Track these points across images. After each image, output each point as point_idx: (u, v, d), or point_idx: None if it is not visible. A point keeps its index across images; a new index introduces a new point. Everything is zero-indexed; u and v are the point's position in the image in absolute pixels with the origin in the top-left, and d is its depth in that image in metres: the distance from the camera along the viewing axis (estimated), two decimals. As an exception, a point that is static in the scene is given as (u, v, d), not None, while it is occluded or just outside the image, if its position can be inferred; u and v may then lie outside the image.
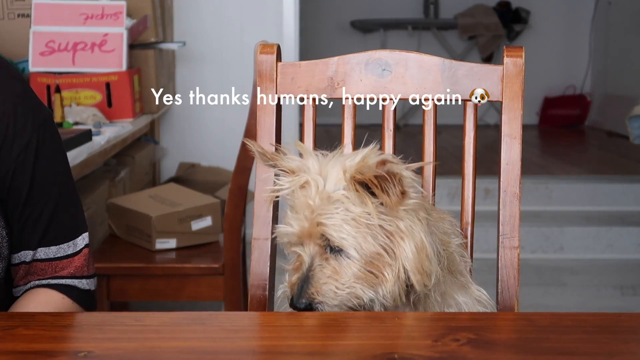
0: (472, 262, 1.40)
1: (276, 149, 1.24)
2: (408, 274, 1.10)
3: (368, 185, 1.08)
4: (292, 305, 1.11)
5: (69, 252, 1.32)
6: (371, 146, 1.14)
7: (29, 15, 2.76)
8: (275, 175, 1.19)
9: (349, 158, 1.13)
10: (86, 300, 1.34)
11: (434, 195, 1.43)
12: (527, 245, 4.08)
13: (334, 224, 1.09)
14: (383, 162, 1.08)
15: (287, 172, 1.16)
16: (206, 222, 2.51)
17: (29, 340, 0.97)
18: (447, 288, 1.16)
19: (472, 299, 1.12)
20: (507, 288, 1.34)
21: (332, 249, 1.11)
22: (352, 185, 1.09)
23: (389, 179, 1.08)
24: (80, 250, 1.33)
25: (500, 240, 1.36)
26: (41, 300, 1.30)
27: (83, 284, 1.33)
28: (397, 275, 1.10)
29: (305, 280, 1.10)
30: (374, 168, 1.08)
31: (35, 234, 1.28)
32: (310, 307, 1.10)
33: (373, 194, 1.09)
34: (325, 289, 1.10)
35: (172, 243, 2.44)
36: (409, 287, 1.12)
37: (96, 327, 1.02)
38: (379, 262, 1.10)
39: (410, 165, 1.12)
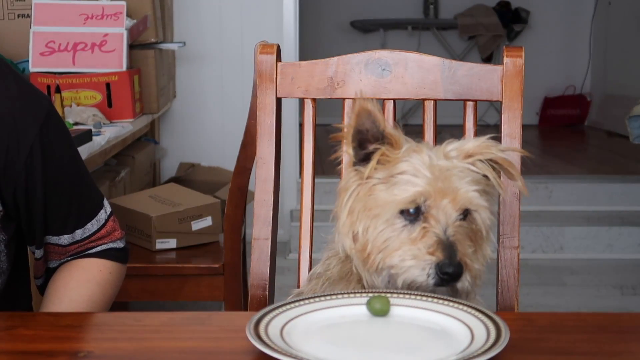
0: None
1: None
2: (483, 267, 1.07)
3: (491, 165, 1.07)
4: (444, 269, 0.99)
5: (94, 229, 1.35)
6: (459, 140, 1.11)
7: (29, 16, 2.76)
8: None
9: (443, 145, 1.09)
10: (122, 257, 1.39)
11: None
12: (527, 245, 4.08)
13: (476, 189, 1.04)
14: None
15: (392, 144, 1.07)
16: (206, 222, 2.51)
17: (29, 340, 0.97)
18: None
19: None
20: (507, 288, 1.34)
21: (465, 216, 1.04)
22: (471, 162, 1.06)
23: (511, 164, 1.07)
24: (105, 222, 1.36)
25: (500, 240, 1.36)
26: (82, 265, 1.34)
27: (117, 244, 1.38)
28: (482, 260, 1.06)
29: (449, 244, 1.01)
30: (496, 148, 1.07)
31: (58, 223, 1.31)
32: (461, 272, 1.00)
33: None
34: (471, 257, 1.02)
35: (172, 243, 2.44)
36: None
37: (96, 327, 1.02)
38: (481, 239, 1.06)
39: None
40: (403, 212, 1.05)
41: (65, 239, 1.33)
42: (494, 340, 0.90)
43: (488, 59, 6.92)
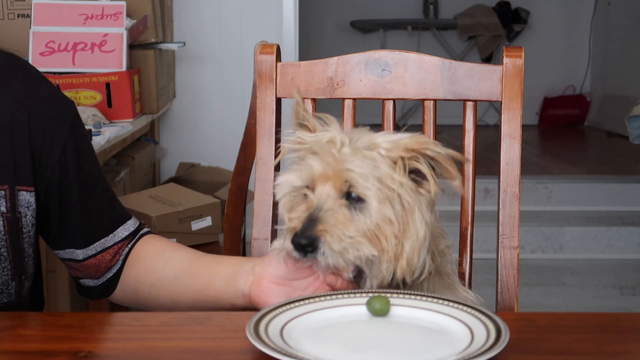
0: (471, 262, 1.40)
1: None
2: (402, 257, 1.08)
3: (416, 158, 1.07)
4: (295, 240, 1.04)
5: (134, 229, 1.33)
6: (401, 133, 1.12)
7: (29, 16, 2.76)
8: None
9: (378, 134, 1.11)
10: None
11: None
12: (526, 245, 4.08)
13: (363, 173, 1.06)
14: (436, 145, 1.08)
15: (309, 130, 1.14)
16: (206, 222, 2.51)
17: (29, 340, 0.97)
18: (434, 288, 1.15)
19: (459, 299, 1.11)
20: (506, 288, 1.34)
21: (350, 197, 1.07)
22: (391, 155, 1.08)
23: (449, 162, 1.07)
24: (139, 224, 1.35)
25: (500, 240, 1.36)
26: (152, 238, 1.33)
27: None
28: (397, 251, 1.07)
29: (314, 219, 1.05)
30: (435, 145, 1.07)
31: (105, 219, 1.30)
32: (314, 245, 1.04)
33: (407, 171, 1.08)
34: (334, 230, 1.04)
35: (172, 243, 2.44)
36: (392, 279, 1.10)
37: (96, 327, 1.02)
38: (387, 229, 1.07)
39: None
40: (297, 191, 1.11)
41: (121, 233, 1.31)
42: (494, 341, 0.90)
43: (488, 59, 6.92)
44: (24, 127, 1.21)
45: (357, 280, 1.10)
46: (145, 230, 1.35)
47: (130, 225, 1.32)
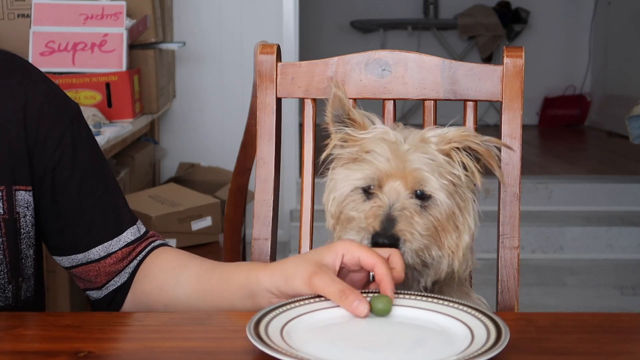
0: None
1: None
2: (459, 249, 1.10)
3: (466, 151, 1.10)
4: (376, 239, 1.06)
5: (145, 229, 1.30)
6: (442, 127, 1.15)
7: (29, 15, 2.76)
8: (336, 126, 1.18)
9: (424, 130, 1.14)
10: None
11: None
12: (527, 245, 4.08)
13: (431, 170, 1.08)
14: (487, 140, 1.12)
15: (356, 126, 1.16)
16: (206, 222, 2.51)
17: (29, 340, 0.97)
18: (451, 295, 1.16)
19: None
20: (507, 288, 1.34)
21: (418, 195, 1.09)
22: (442, 149, 1.11)
23: (491, 155, 1.10)
24: (146, 231, 1.31)
25: (500, 240, 1.36)
26: (163, 252, 1.28)
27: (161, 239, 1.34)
28: (453, 245, 1.10)
29: (392, 218, 1.07)
30: (475, 137, 1.10)
31: (109, 222, 1.26)
32: (395, 245, 1.06)
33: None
34: (413, 230, 1.07)
35: (172, 243, 2.44)
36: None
37: (96, 327, 1.02)
38: (450, 225, 1.09)
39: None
40: (359, 189, 1.12)
41: (126, 237, 1.27)
42: (494, 341, 0.90)
43: (488, 59, 6.92)
44: (20, 126, 1.20)
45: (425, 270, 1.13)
46: (156, 243, 1.30)
47: (135, 230, 1.28)
